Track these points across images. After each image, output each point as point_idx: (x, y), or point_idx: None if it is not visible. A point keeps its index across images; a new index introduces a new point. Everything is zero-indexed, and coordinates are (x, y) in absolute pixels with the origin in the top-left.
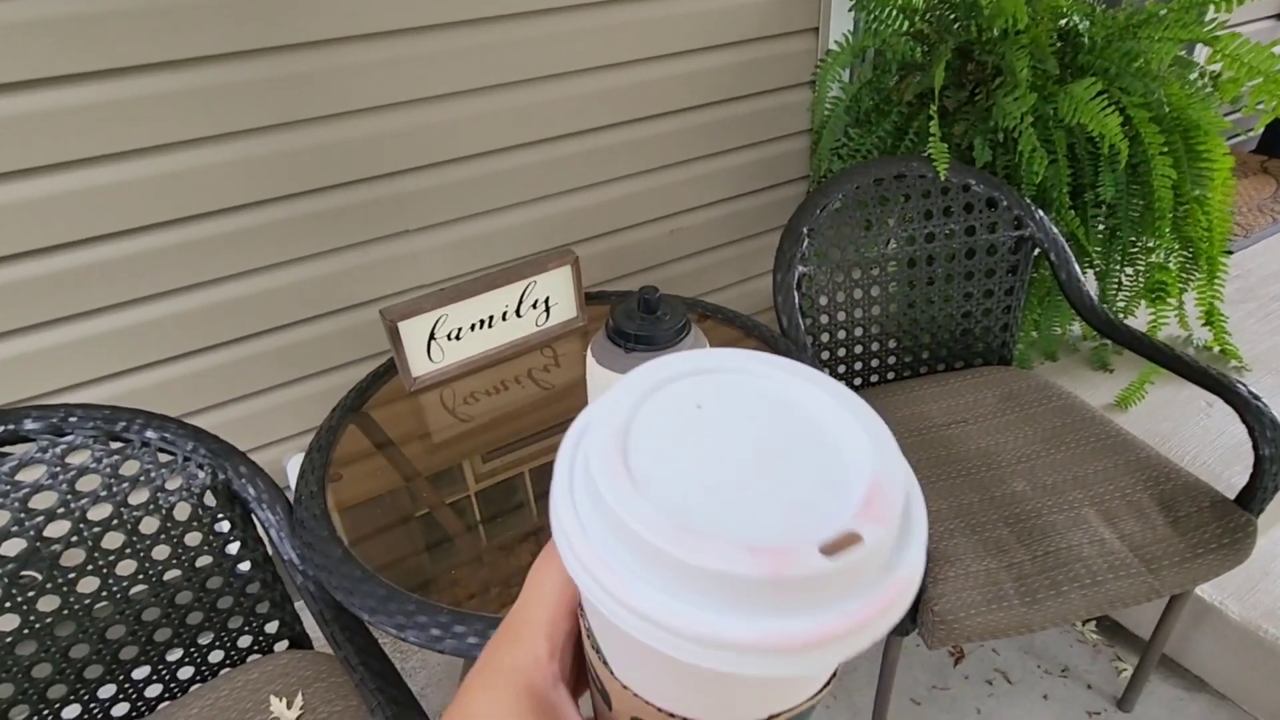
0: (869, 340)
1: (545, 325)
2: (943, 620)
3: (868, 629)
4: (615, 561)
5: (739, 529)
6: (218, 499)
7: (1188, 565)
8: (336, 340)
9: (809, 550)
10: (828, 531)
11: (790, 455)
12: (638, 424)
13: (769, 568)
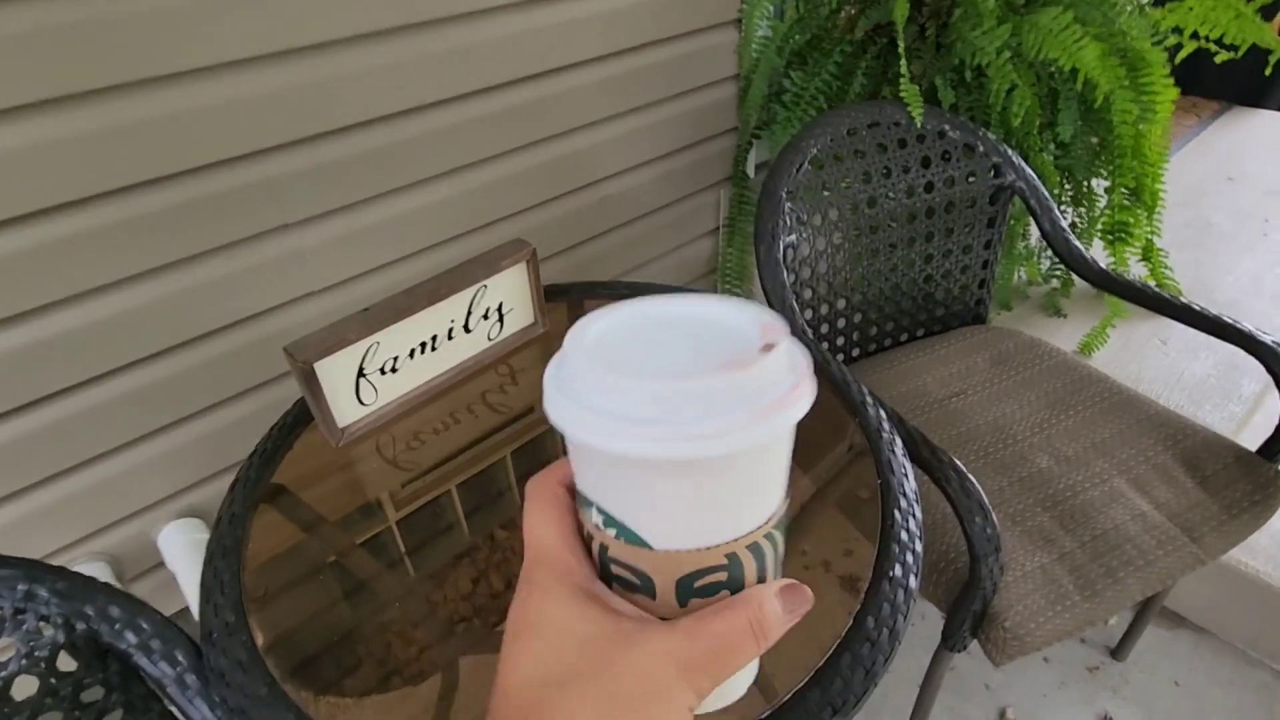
0: (852, 312)
1: (499, 338)
2: (1015, 635)
3: (798, 402)
4: (614, 410)
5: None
6: (79, 659)
7: (1225, 529)
8: (208, 373)
9: (753, 355)
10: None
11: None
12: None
13: (725, 370)
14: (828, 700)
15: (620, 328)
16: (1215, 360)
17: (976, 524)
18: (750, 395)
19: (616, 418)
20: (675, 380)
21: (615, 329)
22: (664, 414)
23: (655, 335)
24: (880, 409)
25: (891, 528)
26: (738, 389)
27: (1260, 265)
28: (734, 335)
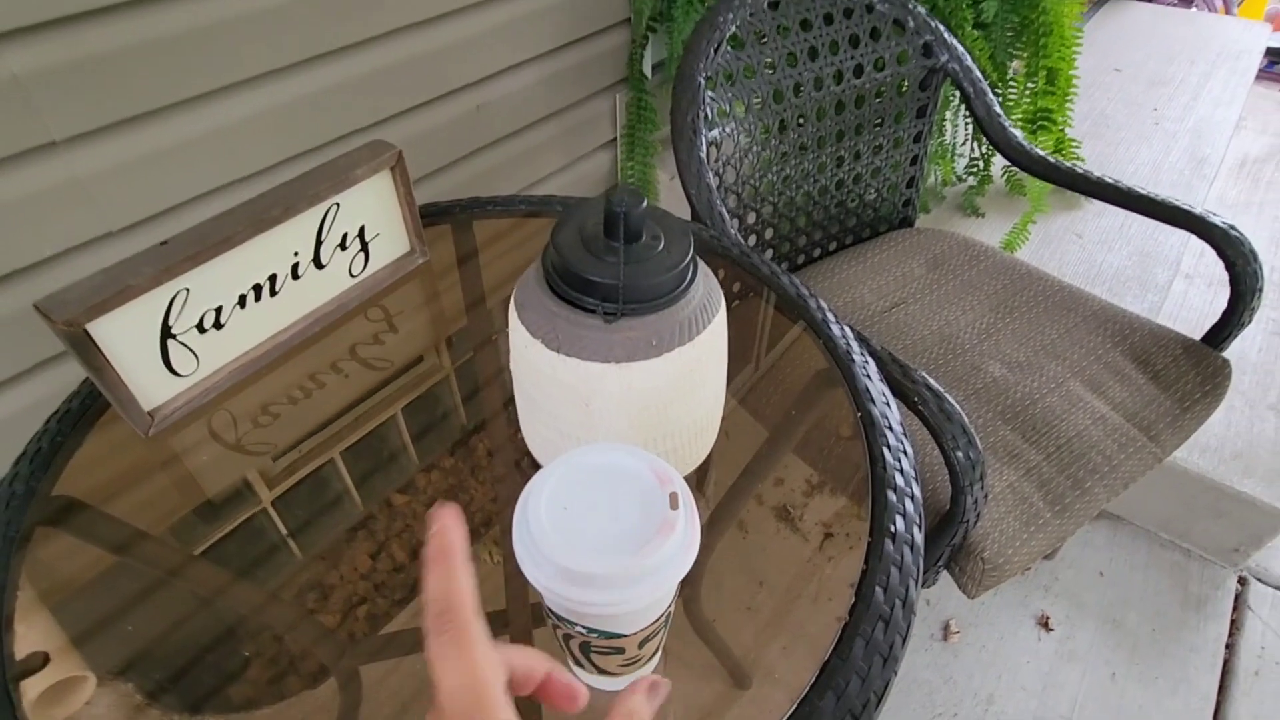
0: (779, 219)
1: (366, 273)
2: (993, 566)
3: (687, 553)
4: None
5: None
6: None
7: (1180, 423)
8: None
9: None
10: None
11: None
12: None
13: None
14: (847, 707)
15: (560, 491)
16: (1129, 251)
17: (960, 450)
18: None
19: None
20: (618, 560)
21: (557, 494)
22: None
23: (592, 493)
24: (845, 327)
25: (884, 471)
26: (662, 556)
27: (1156, 154)
28: (647, 488)
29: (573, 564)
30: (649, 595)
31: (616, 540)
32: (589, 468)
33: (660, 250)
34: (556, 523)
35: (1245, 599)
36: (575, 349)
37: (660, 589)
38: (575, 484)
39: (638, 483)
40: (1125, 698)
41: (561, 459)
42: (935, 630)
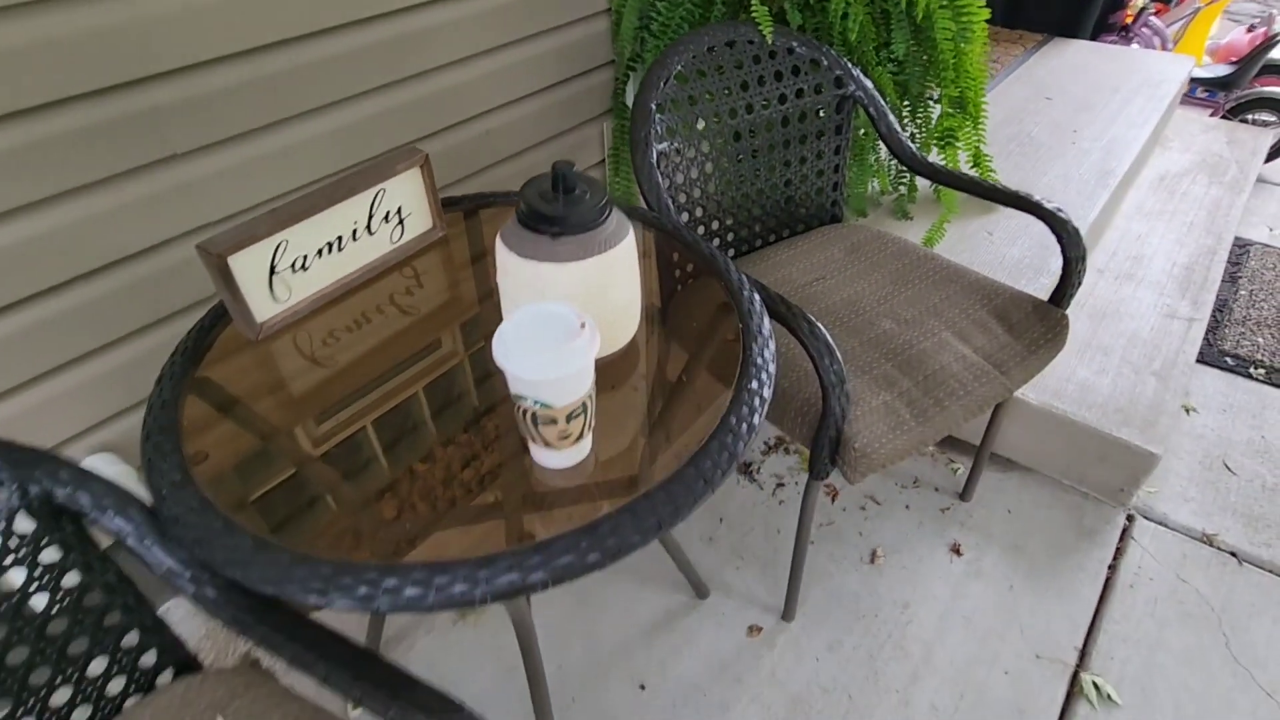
0: (724, 215)
1: (401, 241)
2: (863, 454)
3: (588, 353)
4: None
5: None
6: (37, 519)
7: (1027, 363)
8: (98, 310)
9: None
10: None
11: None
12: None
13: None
14: (701, 474)
15: (521, 323)
16: (1029, 244)
17: (824, 362)
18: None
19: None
20: (550, 352)
21: (519, 325)
22: (548, 365)
23: (539, 324)
24: (741, 275)
25: (750, 352)
26: (573, 349)
27: (1069, 167)
28: (569, 319)
29: (519, 353)
30: (561, 371)
31: (547, 343)
32: (538, 312)
33: (587, 197)
34: (515, 336)
35: (1131, 532)
36: (534, 255)
37: (568, 369)
38: (529, 320)
39: (565, 320)
40: (1019, 603)
41: (522, 308)
42: (864, 556)
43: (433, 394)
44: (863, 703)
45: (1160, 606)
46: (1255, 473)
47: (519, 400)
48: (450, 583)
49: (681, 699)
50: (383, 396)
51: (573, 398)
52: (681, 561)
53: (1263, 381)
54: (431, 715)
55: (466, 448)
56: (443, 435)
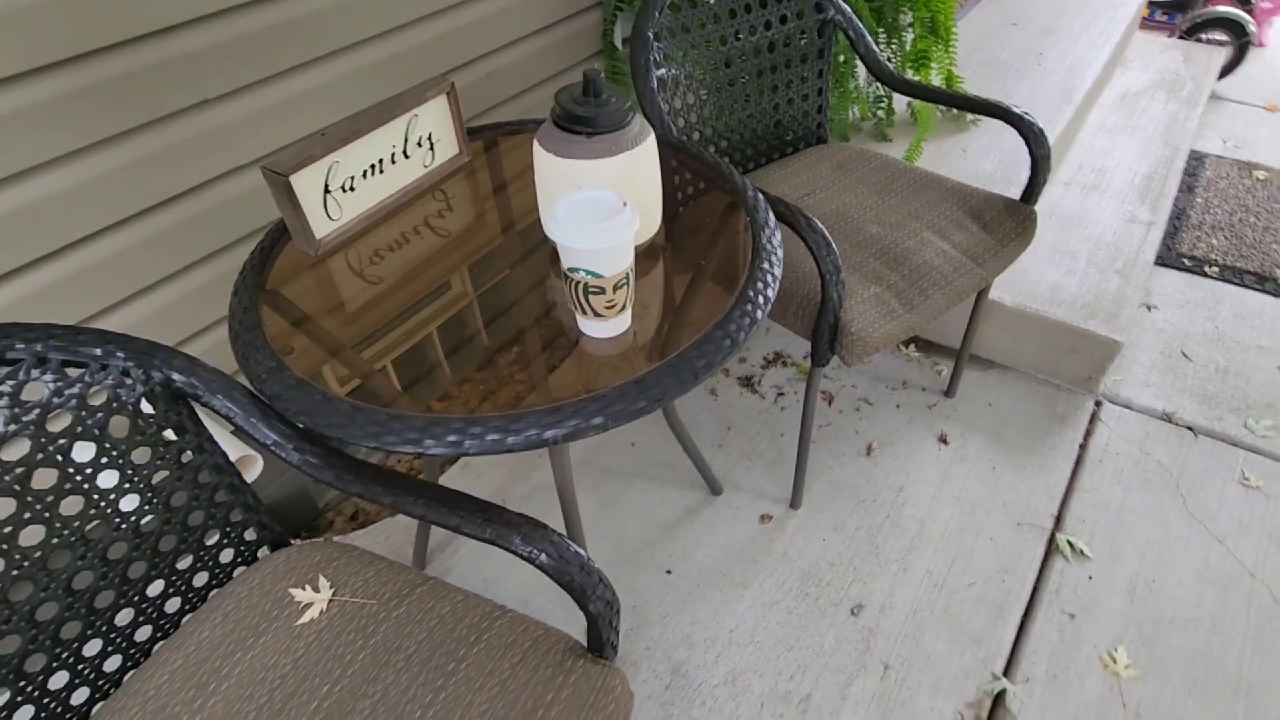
0: (718, 138)
1: (433, 165)
2: (859, 338)
3: (630, 228)
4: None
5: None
6: (156, 404)
7: (999, 255)
8: (168, 240)
9: (620, 209)
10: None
11: (604, 208)
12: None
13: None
14: (727, 335)
15: (572, 205)
16: (1000, 158)
17: (822, 252)
18: (622, 226)
19: (582, 238)
20: (601, 223)
21: (570, 206)
22: (599, 236)
23: (587, 206)
24: (745, 179)
25: (760, 238)
26: (619, 223)
27: (1035, 87)
28: (612, 201)
29: (572, 229)
30: (610, 240)
31: (595, 220)
32: (583, 197)
33: (613, 100)
34: (568, 215)
35: (1099, 415)
36: (570, 154)
37: (616, 239)
38: (577, 203)
39: (608, 202)
40: (1001, 481)
41: (569, 195)
42: (861, 450)
43: (482, 286)
44: (866, 572)
45: (1125, 475)
46: (1209, 358)
47: (572, 274)
48: (525, 427)
49: (705, 580)
50: (436, 293)
51: (619, 268)
52: (697, 460)
53: (1217, 279)
54: (520, 530)
55: (521, 326)
56: (498, 320)
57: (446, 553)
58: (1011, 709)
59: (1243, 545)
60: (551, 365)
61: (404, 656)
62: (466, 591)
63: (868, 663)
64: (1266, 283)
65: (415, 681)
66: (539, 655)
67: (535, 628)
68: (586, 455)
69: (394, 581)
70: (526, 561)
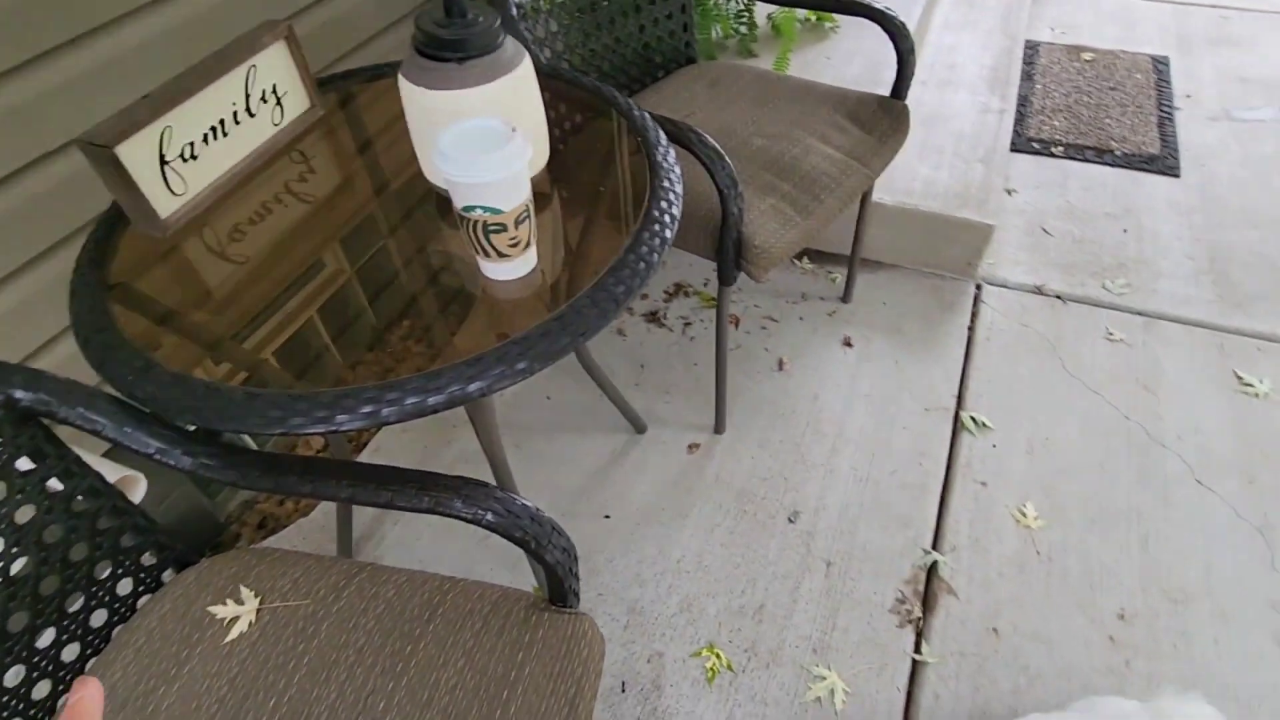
0: (586, 66)
1: (284, 123)
2: (763, 250)
3: (522, 156)
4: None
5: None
6: (2, 430)
7: (880, 152)
8: None
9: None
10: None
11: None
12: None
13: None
14: (640, 258)
15: (457, 137)
16: (864, 63)
17: (717, 166)
18: (516, 153)
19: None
20: (490, 155)
21: (456, 139)
22: (493, 166)
23: (473, 137)
24: (628, 100)
25: (655, 156)
26: (512, 151)
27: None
28: (500, 128)
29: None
30: (506, 170)
31: (484, 150)
32: (468, 128)
33: (482, 21)
34: (454, 149)
35: (981, 297)
36: (442, 84)
37: (510, 168)
38: (461, 134)
39: (495, 130)
40: (905, 373)
41: (451, 127)
42: (773, 366)
43: (366, 248)
44: (796, 480)
45: (1010, 349)
46: (1066, 231)
47: (468, 214)
48: (446, 383)
49: (645, 518)
50: (317, 264)
51: (518, 200)
52: (617, 401)
53: (1062, 157)
54: (460, 493)
55: (421, 283)
56: (393, 281)
57: (372, 542)
58: (944, 577)
59: (1116, 393)
60: (462, 317)
61: (354, 651)
62: (409, 570)
63: (811, 564)
64: (1105, 155)
65: (372, 674)
66: (501, 618)
67: (491, 591)
68: (503, 416)
69: (327, 576)
70: (471, 524)
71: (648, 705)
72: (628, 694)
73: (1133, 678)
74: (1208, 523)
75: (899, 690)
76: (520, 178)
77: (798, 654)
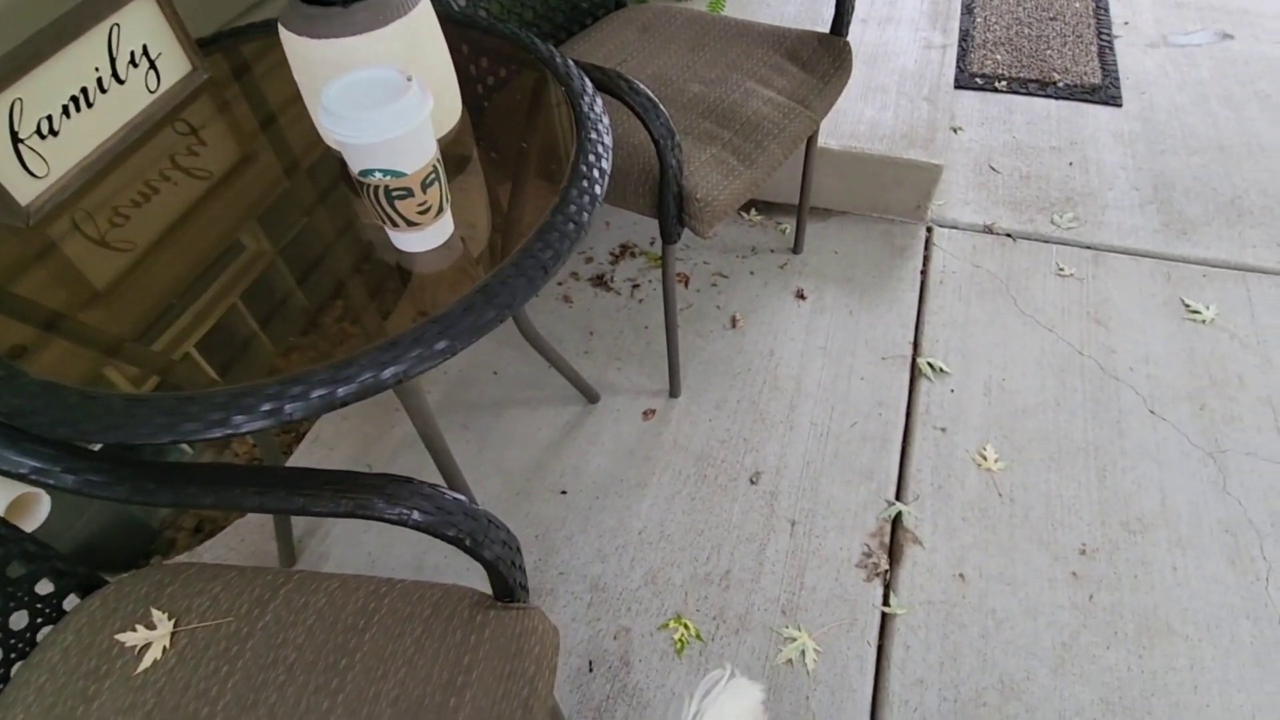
0: (508, 15)
1: (161, 89)
2: (706, 203)
3: (422, 107)
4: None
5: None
6: None
7: (824, 93)
8: None
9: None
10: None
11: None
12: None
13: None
14: (569, 218)
15: (344, 90)
16: (803, 1)
17: (651, 115)
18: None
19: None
20: (384, 109)
21: (342, 92)
22: (386, 122)
23: (363, 89)
24: (549, 47)
25: (580, 107)
26: (408, 103)
27: None
28: (393, 78)
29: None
30: (402, 125)
31: (376, 105)
32: (356, 79)
33: None
34: (342, 105)
35: (932, 240)
36: (327, 32)
37: (409, 123)
38: (349, 87)
39: (388, 80)
40: (860, 322)
41: (337, 79)
42: (726, 324)
43: (267, 227)
44: (756, 440)
45: (963, 290)
46: (1013, 167)
47: (366, 178)
48: (357, 372)
49: (602, 490)
50: (211, 247)
51: (422, 161)
52: (567, 372)
53: (1006, 91)
54: (381, 492)
55: (323, 262)
56: (292, 263)
57: (317, 538)
58: (909, 527)
59: (1068, 328)
60: (373, 297)
61: (284, 669)
62: (342, 575)
63: (775, 524)
64: (1047, 87)
65: (305, 691)
66: (443, 620)
67: (432, 591)
68: (448, 396)
69: (250, 588)
70: (398, 525)
71: (617, 683)
72: (595, 673)
73: (1096, 611)
74: (1162, 452)
75: (869, 644)
76: (422, 135)
77: (766, 617)
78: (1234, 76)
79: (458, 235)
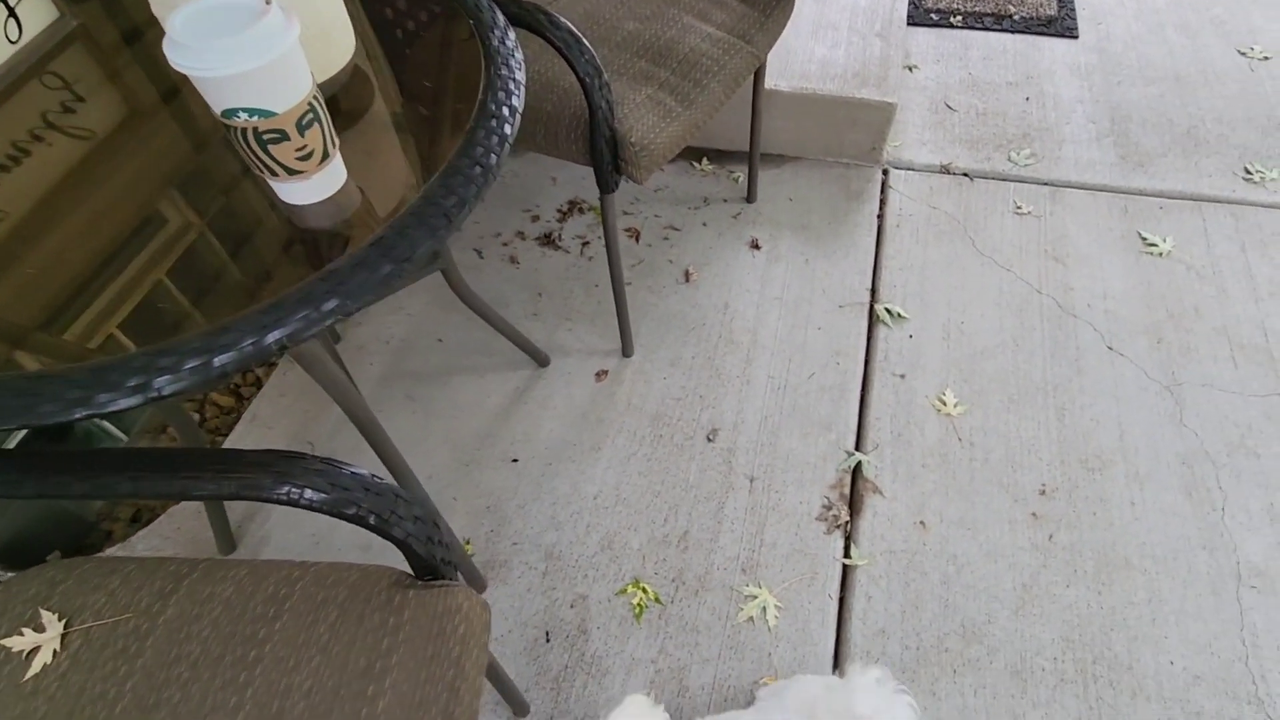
0: None
1: (24, 40)
2: (643, 148)
3: (285, 35)
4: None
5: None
6: None
7: (766, 27)
8: None
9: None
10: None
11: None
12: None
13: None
14: (475, 161)
15: (192, 17)
16: None
17: (574, 52)
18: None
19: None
20: (237, 36)
21: (190, 19)
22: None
23: (215, 16)
24: None
25: (490, 43)
26: (267, 27)
27: None
28: (248, 3)
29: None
30: (262, 54)
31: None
32: (209, 5)
33: None
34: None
35: (888, 183)
36: None
37: (269, 53)
38: (200, 13)
39: (244, 5)
40: (816, 270)
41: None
42: (679, 278)
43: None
44: (712, 397)
45: (921, 233)
46: (970, 105)
47: (230, 118)
48: (236, 339)
49: (555, 456)
50: (85, 208)
51: (295, 97)
52: (513, 336)
53: (961, 27)
54: (268, 471)
55: (201, 217)
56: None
57: (257, 522)
58: (869, 477)
59: (1026, 267)
60: (257, 255)
61: (188, 665)
62: (252, 562)
63: (734, 481)
64: (1004, 20)
65: (211, 687)
66: (360, 603)
67: (349, 573)
68: (390, 366)
69: (151, 582)
70: (290, 506)
71: (575, 651)
72: (553, 643)
73: (1056, 551)
74: (1119, 387)
75: (830, 598)
76: (290, 67)
77: (726, 576)
78: (1189, 3)
79: (354, 184)
